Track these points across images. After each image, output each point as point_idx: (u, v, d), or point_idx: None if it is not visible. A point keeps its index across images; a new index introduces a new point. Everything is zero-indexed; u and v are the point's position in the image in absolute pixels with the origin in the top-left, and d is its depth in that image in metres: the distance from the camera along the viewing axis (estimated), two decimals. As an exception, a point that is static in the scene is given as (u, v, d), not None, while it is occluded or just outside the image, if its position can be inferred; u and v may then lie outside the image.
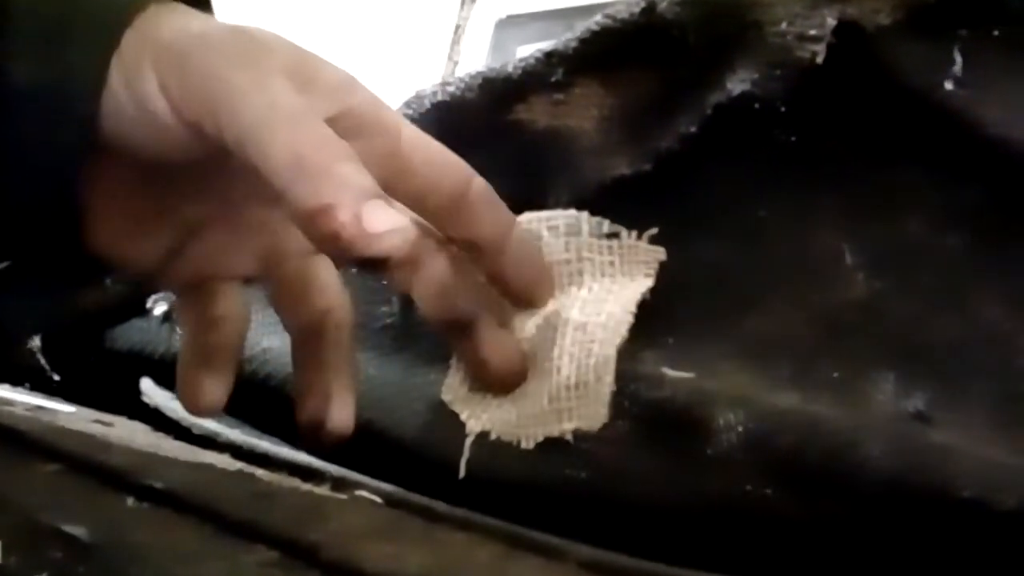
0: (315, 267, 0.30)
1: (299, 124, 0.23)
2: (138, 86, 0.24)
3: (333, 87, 0.26)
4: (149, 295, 0.42)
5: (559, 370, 0.28)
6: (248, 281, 0.31)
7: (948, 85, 0.25)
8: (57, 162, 0.24)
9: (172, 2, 0.26)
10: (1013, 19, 0.26)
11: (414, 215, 0.27)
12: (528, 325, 0.31)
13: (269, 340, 0.36)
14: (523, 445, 0.28)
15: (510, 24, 2.10)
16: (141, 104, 0.24)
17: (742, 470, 0.23)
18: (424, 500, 0.30)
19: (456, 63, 2.13)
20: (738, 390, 0.25)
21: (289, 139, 0.23)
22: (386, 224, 0.21)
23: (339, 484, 0.31)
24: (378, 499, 0.30)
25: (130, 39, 0.24)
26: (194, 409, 0.27)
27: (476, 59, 2.13)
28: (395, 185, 0.29)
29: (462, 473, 0.30)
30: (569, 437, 0.27)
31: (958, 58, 0.26)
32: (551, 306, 0.31)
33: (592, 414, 0.27)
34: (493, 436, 0.29)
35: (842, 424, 0.22)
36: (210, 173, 0.28)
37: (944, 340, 0.25)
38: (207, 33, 0.25)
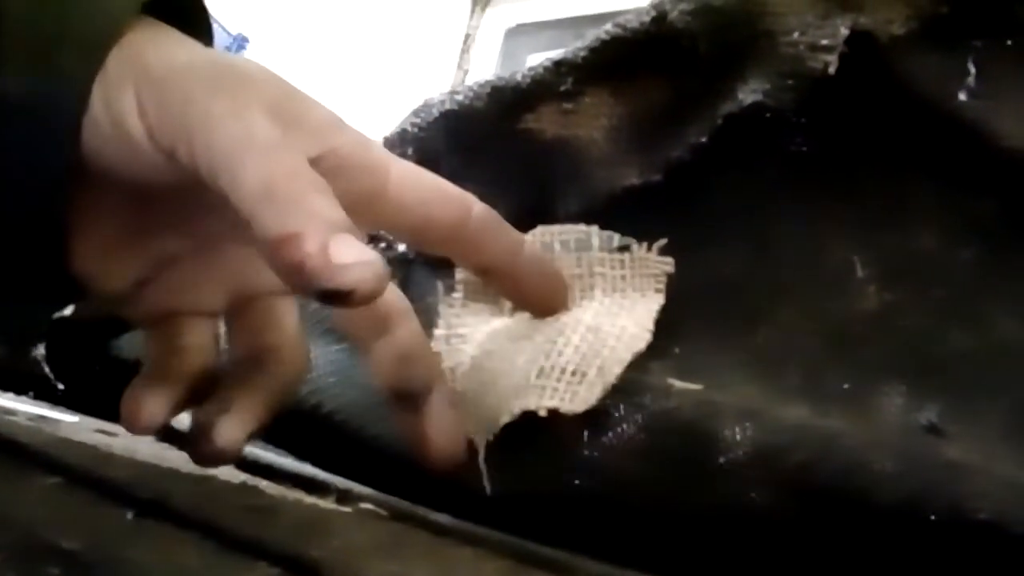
0: (279, 309, 0.30)
1: (272, 154, 0.23)
2: (117, 106, 0.24)
3: (318, 126, 0.26)
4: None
5: (560, 354, 0.28)
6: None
7: (962, 96, 0.25)
8: (42, 175, 0.24)
9: (163, 24, 0.26)
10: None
11: None
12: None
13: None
14: (501, 421, 0.27)
15: (520, 33, 2.11)
16: (118, 124, 0.24)
17: (751, 483, 0.23)
18: (430, 513, 0.29)
19: (466, 72, 2.14)
20: (747, 402, 0.24)
21: (260, 168, 0.22)
22: (353, 257, 0.21)
23: (344, 497, 0.30)
24: (383, 512, 0.30)
25: (115, 57, 0.24)
26: (129, 423, 0.26)
27: (486, 67, 2.14)
28: (389, 224, 0.29)
29: (489, 490, 0.29)
30: (543, 412, 0.26)
31: (972, 69, 0.25)
32: (563, 316, 0.31)
33: (576, 399, 0.27)
34: (490, 438, 0.29)
35: (854, 441, 0.21)
36: (187, 206, 0.28)
37: (956, 353, 0.24)
38: (191, 60, 0.25)
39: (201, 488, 0.25)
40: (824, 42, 0.26)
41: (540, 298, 0.31)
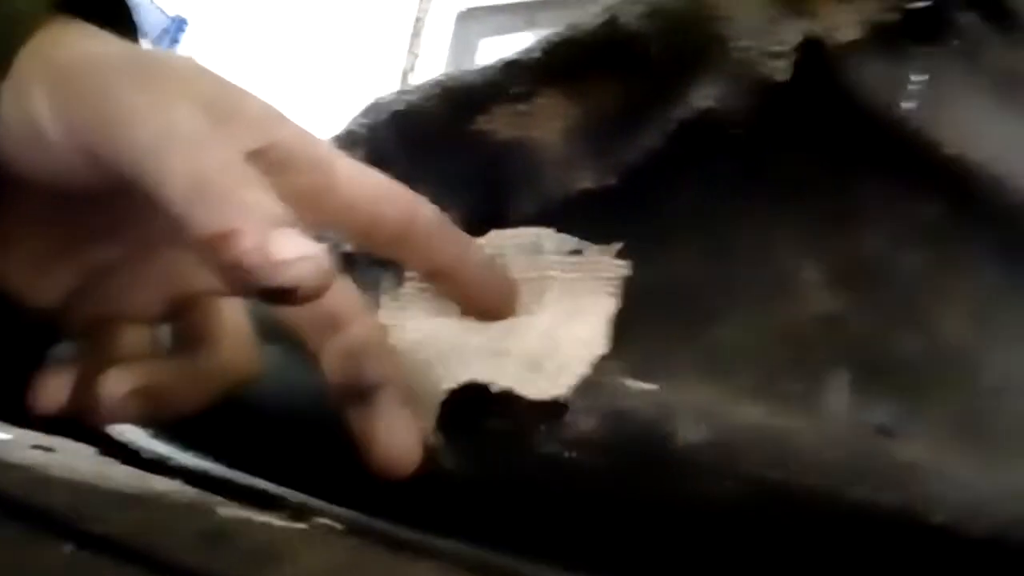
0: (223, 309, 0.29)
1: (199, 147, 0.22)
2: (28, 107, 0.23)
3: (256, 119, 0.25)
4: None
5: (516, 343, 0.28)
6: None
7: (906, 104, 0.25)
8: None
9: (77, 21, 0.25)
10: (970, 40, 0.25)
11: None
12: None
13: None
14: (444, 386, 0.27)
15: (471, 17, 2.10)
16: (31, 126, 0.23)
17: (709, 482, 0.23)
18: (386, 526, 0.29)
19: (416, 56, 2.12)
20: (702, 402, 0.24)
21: (188, 162, 0.21)
22: (295, 252, 0.20)
23: (298, 513, 0.30)
24: (339, 526, 0.29)
25: (24, 57, 0.23)
26: (31, 400, 0.25)
27: (437, 52, 2.12)
28: (336, 223, 0.28)
29: (449, 464, 0.28)
30: (495, 389, 0.26)
31: (916, 77, 0.25)
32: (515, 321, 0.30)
33: (532, 387, 0.26)
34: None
35: (808, 441, 0.21)
36: (116, 211, 0.26)
37: (904, 355, 0.25)
38: (108, 54, 0.24)
39: (146, 512, 0.24)
40: (775, 48, 0.26)
41: (488, 303, 0.30)
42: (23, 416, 0.39)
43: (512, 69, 0.32)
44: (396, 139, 0.34)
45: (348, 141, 0.34)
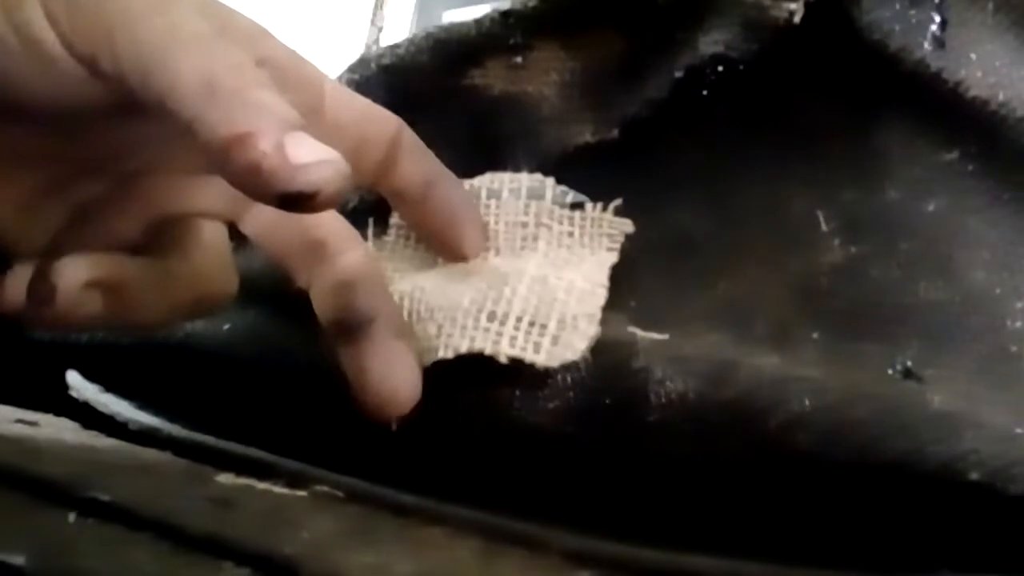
0: (201, 230, 0.27)
1: (209, 46, 0.21)
2: (24, 18, 0.21)
3: (248, 34, 0.24)
4: None
5: (509, 301, 0.27)
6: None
7: (927, 46, 0.25)
8: None
9: None
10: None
11: None
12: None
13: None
14: (441, 355, 0.26)
15: (435, -12, 2.06)
16: (26, 36, 0.21)
17: (727, 447, 0.22)
18: (387, 492, 0.28)
19: (380, 28, 2.08)
20: (715, 351, 0.24)
21: (199, 60, 0.20)
22: (314, 155, 0.19)
23: (296, 480, 0.29)
24: (339, 493, 0.29)
25: None
26: None
27: (400, 24, 2.09)
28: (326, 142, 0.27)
29: (394, 425, 0.27)
30: (503, 359, 0.25)
31: (936, 17, 0.25)
32: (497, 262, 0.29)
33: (541, 351, 0.25)
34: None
35: (836, 396, 0.21)
36: (109, 139, 0.25)
37: (926, 303, 0.24)
38: None
39: (147, 482, 0.23)
40: (786, -11, 0.26)
41: (446, 236, 0.29)
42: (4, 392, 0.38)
43: (508, 19, 0.31)
44: (386, 94, 0.33)
45: (337, 97, 0.33)
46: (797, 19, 0.25)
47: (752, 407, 0.21)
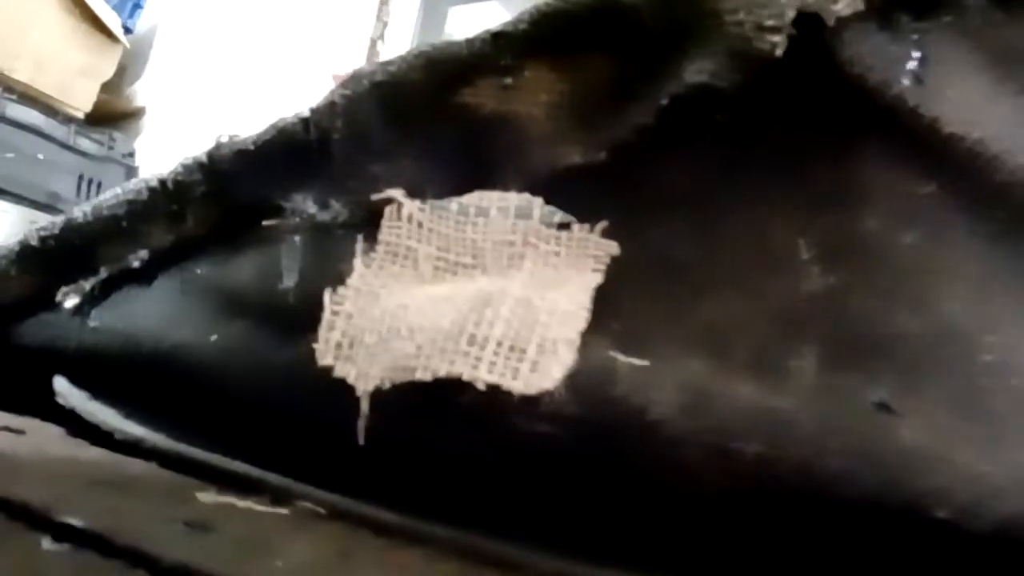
0: None
1: None
2: None
3: None
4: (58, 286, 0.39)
5: (491, 324, 0.27)
6: None
7: (905, 81, 0.25)
8: None
9: None
10: (970, 16, 0.25)
11: None
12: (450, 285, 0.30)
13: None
14: (419, 376, 0.27)
15: (440, -16, 2.05)
16: None
17: (703, 476, 0.22)
18: (369, 510, 0.28)
19: (385, 24, 2.08)
20: (694, 379, 0.24)
21: None
22: None
23: (279, 497, 0.29)
24: (321, 510, 0.29)
25: None
26: None
27: (406, 19, 2.08)
28: None
29: (361, 439, 0.28)
30: (481, 386, 0.26)
31: (915, 54, 0.25)
32: (483, 281, 0.30)
33: (519, 376, 0.26)
34: (386, 386, 0.28)
35: (809, 428, 0.21)
36: None
37: (902, 334, 0.24)
38: None
39: (124, 505, 0.23)
40: (770, 22, 0.26)
41: None
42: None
43: (499, 40, 0.31)
44: (377, 111, 0.33)
45: (328, 112, 0.33)
46: (779, 52, 0.25)
47: (728, 436, 0.21)
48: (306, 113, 0.34)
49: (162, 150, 1.89)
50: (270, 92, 1.73)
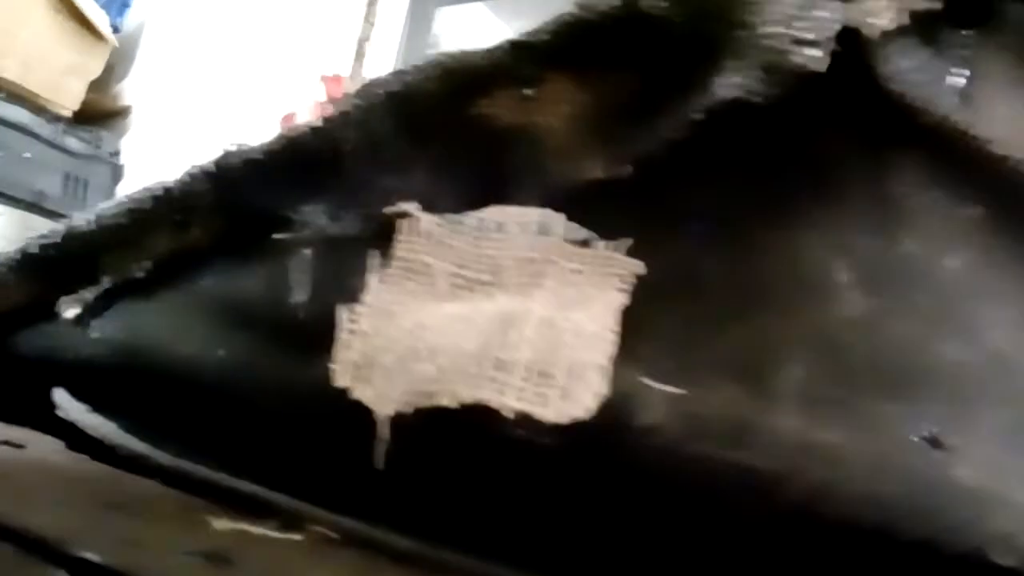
0: None
1: None
2: None
3: None
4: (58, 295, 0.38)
5: (516, 347, 0.26)
6: None
7: (951, 99, 0.24)
8: None
9: None
10: (1017, 30, 0.24)
11: None
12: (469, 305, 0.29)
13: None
14: (441, 401, 0.26)
15: (429, -14, 2.04)
16: None
17: (750, 512, 0.21)
18: (381, 534, 0.27)
19: (372, 24, 2.07)
20: (735, 409, 0.23)
21: None
22: None
23: (290, 521, 0.28)
24: (334, 535, 0.28)
25: None
26: None
27: (393, 20, 2.07)
28: None
29: (380, 464, 0.27)
30: (509, 413, 0.25)
31: (962, 71, 0.24)
32: (503, 300, 0.29)
33: (549, 404, 0.25)
34: (407, 410, 0.27)
35: (861, 467, 0.20)
36: None
37: (949, 362, 0.23)
38: None
39: (139, 528, 0.22)
40: (808, 36, 0.25)
41: None
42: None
43: (519, 51, 0.30)
44: (392, 122, 0.32)
45: (341, 122, 0.32)
46: (819, 66, 0.24)
47: (771, 473, 0.21)
48: (317, 123, 0.33)
49: (149, 149, 1.87)
50: (257, 92, 1.72)
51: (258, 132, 0.34)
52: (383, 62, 1.93)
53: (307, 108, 1.74)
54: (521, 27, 0.31)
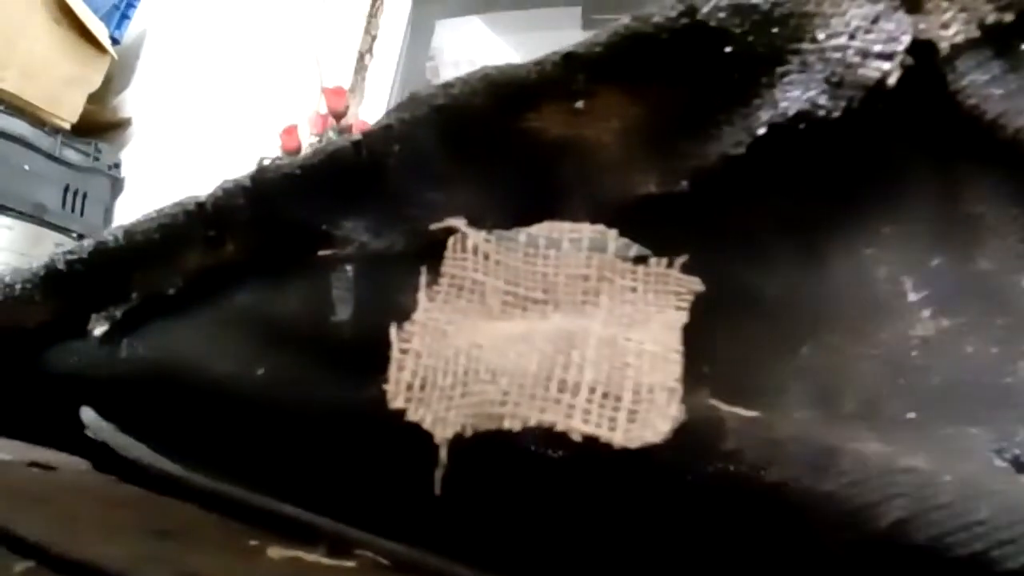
0: None
1: None
2: None
3: None
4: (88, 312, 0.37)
5: (580, 368, 0.25)
6: None
7: (1026, 113, 0.23)
8: None
9: None
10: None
11: None
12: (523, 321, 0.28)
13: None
14: (507, 424, 0.24)
15: (429, -2, 2.05)
16: None
17: (833, 542, 0.21)
18: (430, 559, 0.27)
19: (374, 37, 2.08)
20: (811, 433, 0.22)
21: None
22: None
23: (337, 546, 0.27)
24: (384, 560, 0.27)
25: None
26: None
27: (394, 33, 2.08)
28: None
29: (438, 489, 0.26)
30: (576, 437, 0.24)
31: (1037, 84, 0.24)
32: (558, 319, 0.28)
33: (617, 427, 0.24)
34: (468, 433, 0.26)
35: (951, 492, 0.19)
36: None
37: (1026, 385, 0.22)
38: None
39: (197, 558, 0.21)
40: (878, 48, 0.24)
41: None
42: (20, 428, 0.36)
43: (571, 63, 0.29)
44: (436, 136, 0.31)
45: (384, 137, 0.31)
46: (892, 79, 0.24)
47: (858, 501, 0.20)
48: (357, 137, 0.32)
49: (149, 162, 1.86)
50: (257, 104, 1.71)
51: (258, 145, 0.34)
52: (383, 74, 1.93)
53: (308, 120, 1.74)
54: (517, 41, 0.30)
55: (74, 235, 1.70)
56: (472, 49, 1.89)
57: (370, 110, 1.78)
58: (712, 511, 0.22)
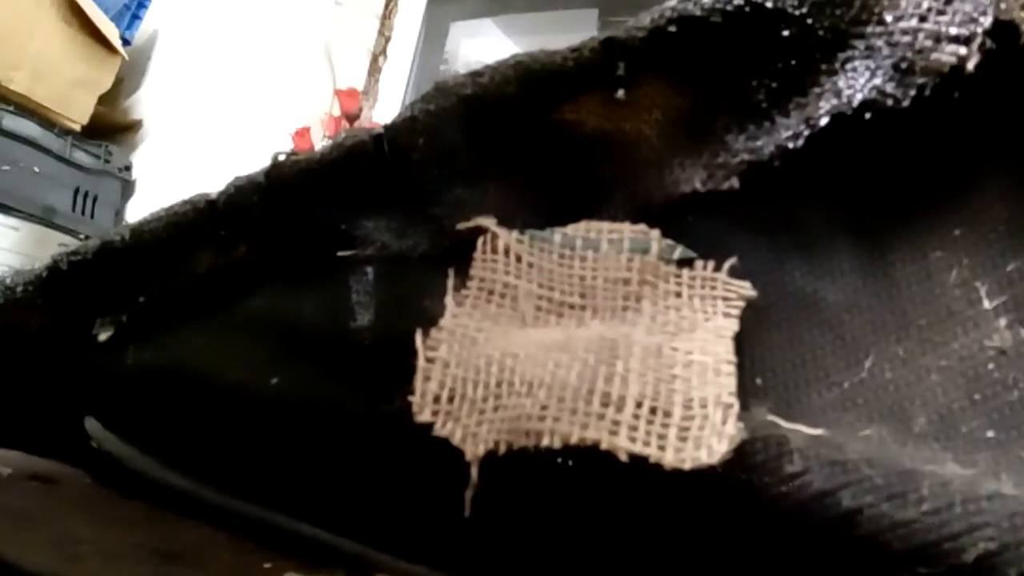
0: None
1: None
2: None
3: None
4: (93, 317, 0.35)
5: (624, 381, 0.23)
6: None
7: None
8: None
9: None
10: None
11: None
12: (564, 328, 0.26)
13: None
14: (547, 441, 0.22)
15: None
16: None
17: (904, 572, 0.18)
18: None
19: (388, 38, 2.06)
20: (884, 455, 0.20)
21: None
22: None
23: (357, 569, 0.25)
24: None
25: None
26: None
27: (408, 34, 2.07)
28: None
29: (467, 510, 0.24)
30: (623, 456, 0.21)
31: None
32: (598, 326, 0.26)
33: (668, 447, 0.21)
34: (502, 450, 0.23)
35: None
36: None
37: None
38: None
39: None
40: (953, 31, 0.22)
41: None
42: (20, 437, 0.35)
43: (610, 49, 0.27)
44: (464, 129, 0.29)
45: (408, 128, 0.29)
46: (971, 65, 0.22)
47: (942, 531, 0.18)
48: (378, 130, 0.30)
49: (160, 164, 1.84)
50: (269, 106, 1.70)
51: (271, 147, 0.32)
52: (397, 76, 1.91)
53: (320, 122, 1.73)
54: (532, 44, 0.28)
55: (83, 238, 1.68)
56: (487, 51, 1.88)
57: (383, 112, 1.77)
58: (774, 541, 0.20)
